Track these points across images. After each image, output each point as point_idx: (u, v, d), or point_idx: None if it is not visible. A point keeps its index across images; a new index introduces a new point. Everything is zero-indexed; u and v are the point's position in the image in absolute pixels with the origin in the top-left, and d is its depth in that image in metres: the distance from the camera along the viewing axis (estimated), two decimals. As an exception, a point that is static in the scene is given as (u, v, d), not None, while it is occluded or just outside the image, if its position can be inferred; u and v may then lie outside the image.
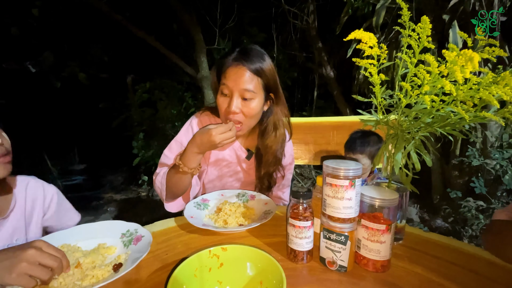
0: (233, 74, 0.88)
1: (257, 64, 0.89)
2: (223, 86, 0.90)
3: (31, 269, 0.53)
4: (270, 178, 1.08)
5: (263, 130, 1.03)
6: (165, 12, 3.40)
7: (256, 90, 0.90)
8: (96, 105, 3.83)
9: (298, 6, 3.28)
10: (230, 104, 0.89)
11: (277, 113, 1.02)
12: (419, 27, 0.55)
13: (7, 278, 0.51)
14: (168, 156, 1.03)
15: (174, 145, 1.04)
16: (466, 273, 0.63)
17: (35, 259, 0.54)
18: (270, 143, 1.02)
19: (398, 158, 0.62)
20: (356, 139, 1.28)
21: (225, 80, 0.89)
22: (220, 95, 0.92)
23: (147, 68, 3.83)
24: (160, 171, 0.97)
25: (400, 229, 0.75)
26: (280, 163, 1.08)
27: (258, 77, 0.90)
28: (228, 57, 0.91)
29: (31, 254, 0.54)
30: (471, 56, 0.46)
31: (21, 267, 0.52)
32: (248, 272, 0.58)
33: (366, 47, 0.58)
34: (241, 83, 0.88)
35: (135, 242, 0.71)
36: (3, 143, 0.69)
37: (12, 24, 2.75)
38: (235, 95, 0.89)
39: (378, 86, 0.61)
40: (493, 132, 2.21)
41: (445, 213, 2.51)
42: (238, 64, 0.88)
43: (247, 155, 1.08)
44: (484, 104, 0.53)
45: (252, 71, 0.88)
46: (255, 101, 0.91)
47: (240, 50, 0.91)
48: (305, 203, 0.65)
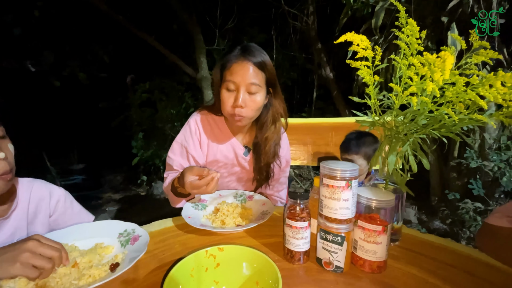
0: (240, 69, 0.91)
1: (260, 59, 0.93)
2: (228, 82, 0.93)
3: (34, 258, 0.55)
4: (269, 169, 1.11)
5: (263, 123, 1.06)
6: (165, 13, 3.40)
7: (260, 83, 0.94)
8: (95, 105, 3.84)
9: (298, 7, 3.29)
10: (236, 98, 0.92)
11: (276, 106, 1.05)
12: (408, 30, 0.56)
13: (12, 269, 0.53)
14: (172, 157, 1.06)
15: (176, 146, 1.07)
16: (463, 275, 0.63)
17: (36, 249, 0.56)
18: (270, 135, 1.05)
19: (391, 160, 0.63)
20: (351, 140, 1.29)
21: (231, 76, 0.92)
22: (225, 91, 0.95)
23: (147, 68, 3.83)
24: (168, 177, 1.03)
25: (396, 230, 0.75)
26: (278, 154, 1.11)
27: (261, 71, 0.94)
28: (231, 54, 0.94)
29: (32, 245, 0.55)
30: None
31: (24, 256, 0.54)
32: (244, 272, 0.58)
33: (359, 49, 0.58)
34: (247, 78, 0.91)
35: (132, 241, 0.72)
36: (7, 157, 0.68)
37: (14, 24, 2.75)
38: (241, 90, 0.92)
39: (371, 87, 0.62)
40: (491, 134, 2.21)
41: (443, 215, 2.51)
42: (244, 60, 0.91)
43: (244, 152, 1.10)
44: (478, 107, 0.53)
45: (256, 65, 0.92)
46: (260, 95, 0.95)
47: (242, 47, 0.94)
48: (302, 204, 0.66)
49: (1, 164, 0.67)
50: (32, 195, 0.82)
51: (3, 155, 0.67)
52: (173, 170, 1.06)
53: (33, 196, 0.82)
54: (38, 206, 0.82)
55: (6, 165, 0.68)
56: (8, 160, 0.69)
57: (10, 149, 0.72)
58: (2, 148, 0.69)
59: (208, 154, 1.08)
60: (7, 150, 0.70)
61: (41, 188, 0.85)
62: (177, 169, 1.04)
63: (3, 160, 0.67)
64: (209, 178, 0.80)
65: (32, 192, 0.82)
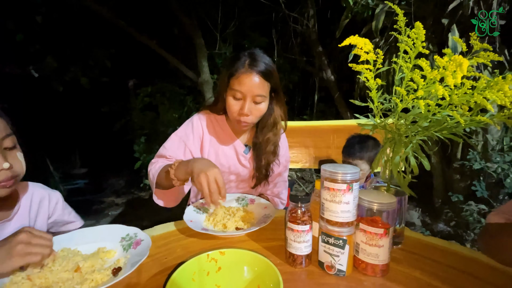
0: (247, 81, 0.93)
1: (266, 69, 0.95)
2: (236, 92, 0.95)
3: (28, 248, 0.56)
4: (268, 167, 1.13)
5: (264, 126, 1.08)
6: (166, 17, 3.43)
7: (266, 94, 0.98)
8: (98, 109, 3.86)
9: (298, 10, 3.31)
10: (242, 107, 0.95)
11: (277, 109, 1.08)
12: (413, 33, 0.56)
13: (9, 263, 0.55)
14: (166, 147, 1.05)
15: (174, 138, 1.07)
16: (465, 277, 0.63)
17: (28, 240, 0.57)
18: (271, 136, 1.08)
19: (396, 162, 0.62)
20: (355, 145, 1.29)
21: (239, 86, 0.94)
22: (231, 98, 0.97)
23: (149, 72, 3.86)
24: (156, 163, 0.99)
25: (399, 233, 0.75)
26: (278, 154, 1.13)
27: (267, 82, 0.97)
28: (238, 62, 0.95)
29: (23, 237, 0.57)
30: (460, 61, 0.47)
31: (19, 249, 0.56)
32: (245, 276, 0.58)
33: (362, 52, 0.58)
34: (254, 90, 0.94)
35: (135, 246, 0.72)
36: (12, 167, 0.70)
37: (16, 30, 2.78)
38: (247, 100, 0.95)
39: (374, 91, 0.62)
40: (494, 136, 2.20)
41: (447, 217, 2.50)
42: (252, 72, 0.93)
43: (244, 150, 1.12)
44: (480, 108, 0.53)
45: (263, 76, 0.94)
46: (264, 104, 0.99)
47: (249, 55, 0.96)
48: (304, 207, 0.65)
49: (4, 173, 0.68)
50: (33, 198, 0.84)
51: (7, 165, 0.68)
52: (166, 159, 1.04)
53: (34, 199, 0.84)
54: (39, 208, 0.85)
55: (9, 173, 0.69)
56: (13, 169, 0.70)
57: (19, 158, 0.74)
58: (10, 158, 0.71)
59: (209, 153, 1.09)
60: (15, 160, 0.72)
61: (41, 191, 0.88)
62: (170, 158, 1.03)
63: (6, 170, 0.69)
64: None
65: (33, 195, 0.85)
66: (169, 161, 1.01)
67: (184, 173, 0.82)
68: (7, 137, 0.70)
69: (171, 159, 1.02)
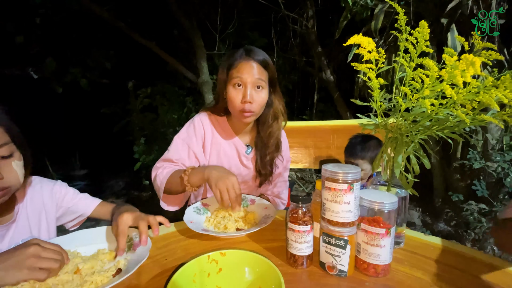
0: (246, 67, 0.97)
1: (264, 59, 0.99)
2: (236, 79, 0.97)
3: (39, 262, 0.56)
4: (273, 163, 1.14)
5: (265, 120, 1.09)
6: (166, 18, 3.43)
7: (265, 80, 1.00)
8: (97, 110, 3.85)
9: (298, 11, 3.30)
10: (244, 94, 0.97)
11: (276, 103, 1.10)
12: (417, 32, 0.56)
13: (20, 274, 0.54)
14: (170, 151, 1.06)
15: (178, 141, 1.07)
16: (467, 277, 0.63)
17: (39, 253, 0.57)
18: (273, 130, 1.10)
19: (398, 162, 0.62)
20: (357, 145, 1.28)
21: (238, 73, 0.97)
22: (232, 88, 0.98)
23: (149, 73, 3.85)
24: (162, 168, 1.00)
25: (400, 233, 0.75)
26: (280, 148, 1.15)
27: (265, 70, 1.00)
28: (235, 54, 0.99)
29: (34, 250, 0.57)
30: (472, 60, 0.46)
31: (30, 262, 0.55)
32: (246, 277, 0.58)
33: (365, 51, 0.58)
34: (253, 74, 0.97)
35: (135, 247, 0.71)
36: (2, 178, 0.65)
37: (16, 32, 2.78)
38: (248, 86, 0.97)
39: (377, 91, 0.61)
40: (493, 135, 2.20)
41: (447, 217, 2.49)
42: (249, 59, 0.97)
43: (246, 150, 1.12)
44: (483, 107, 0.53)
45: (260, 64, 0.98)
46: (265, 91, 1.01)
47: (245, 49, 1.00)
48: (304, 207, 0.65)
49: None
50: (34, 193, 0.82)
51: None
52: (172, 163, 1.04)
53: (35, 194, 0.82)
54: (42, 205, 0.83)
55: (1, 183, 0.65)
56: (3, 180, 0.65)
57: (15, 168, 0.69)
58: (3, 168, 0.66)
59: (211, 154, 1.09)
60: (9, 170, 0.67)
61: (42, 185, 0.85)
62: (177, 162, 1.04)
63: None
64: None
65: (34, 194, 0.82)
66: (176, 165, 1.02)
67: (199, 180, 0.86)
68: (2, 146, 0.66)
69: (177, 163, 1.03)
